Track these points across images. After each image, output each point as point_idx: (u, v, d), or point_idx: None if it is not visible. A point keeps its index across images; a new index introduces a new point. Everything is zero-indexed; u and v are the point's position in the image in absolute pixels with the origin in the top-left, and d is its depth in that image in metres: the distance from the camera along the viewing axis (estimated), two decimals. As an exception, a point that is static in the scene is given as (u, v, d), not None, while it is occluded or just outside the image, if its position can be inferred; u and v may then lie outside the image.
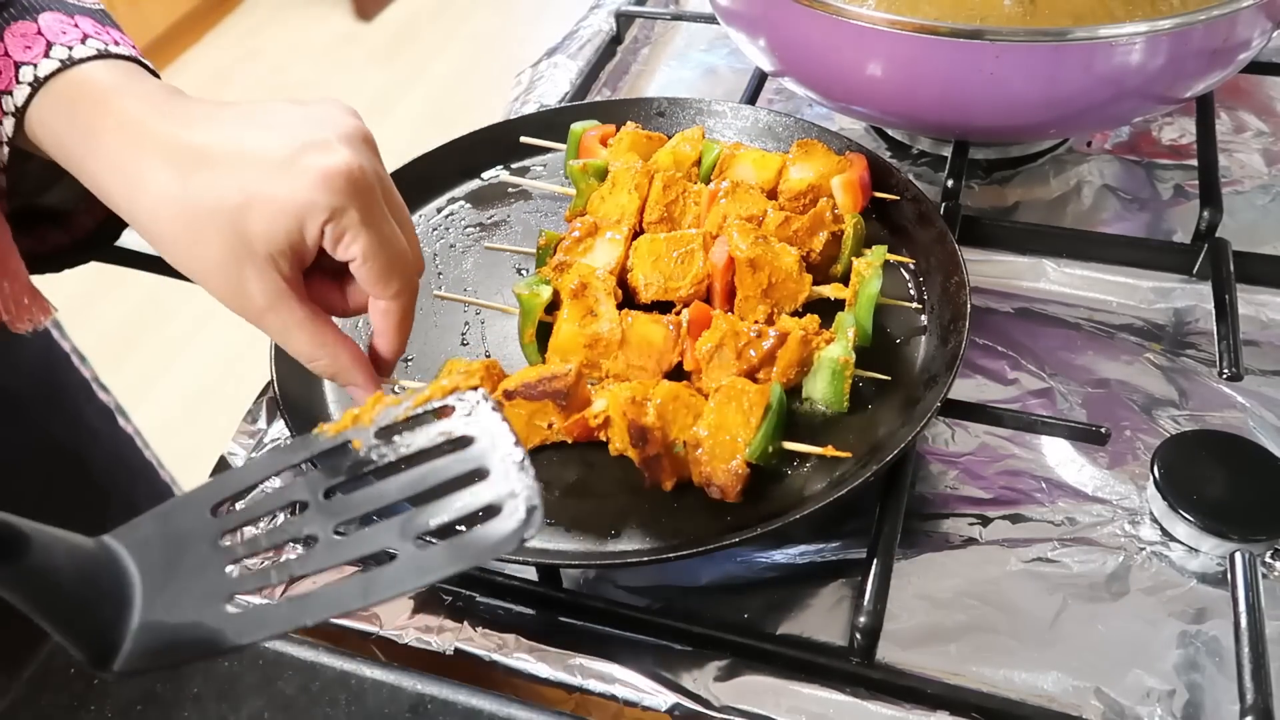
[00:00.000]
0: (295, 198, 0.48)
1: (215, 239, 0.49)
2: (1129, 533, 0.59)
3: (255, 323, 0.52)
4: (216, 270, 0.50)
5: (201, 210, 0.49)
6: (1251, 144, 0.87)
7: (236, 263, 0.49)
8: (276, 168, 0.48)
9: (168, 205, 0.49)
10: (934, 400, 0.58)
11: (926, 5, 0.74)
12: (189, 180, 0.49)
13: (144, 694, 0.48)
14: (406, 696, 0.48)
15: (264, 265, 0.50)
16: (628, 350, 0.62)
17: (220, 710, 0.47)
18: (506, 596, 0.59)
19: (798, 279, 0.65)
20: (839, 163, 0.72)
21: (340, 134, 0.50)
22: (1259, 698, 0.49)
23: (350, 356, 0.54)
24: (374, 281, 0.52)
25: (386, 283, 0.52)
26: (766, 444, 0.56)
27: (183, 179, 0.49)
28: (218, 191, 0.49)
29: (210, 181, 0.49)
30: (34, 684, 0.48)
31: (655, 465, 0.56)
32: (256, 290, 0.50)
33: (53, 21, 0.53)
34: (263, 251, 0.49)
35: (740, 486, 0.56)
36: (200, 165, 0.49)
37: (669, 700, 0.53)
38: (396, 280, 0.53)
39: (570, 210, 0.75)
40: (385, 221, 0.51)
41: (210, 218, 0.49)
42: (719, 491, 0.56)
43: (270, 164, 0.49)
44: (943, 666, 0.54)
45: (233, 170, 0.49)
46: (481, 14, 3.33)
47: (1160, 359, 0.69)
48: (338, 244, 0.50)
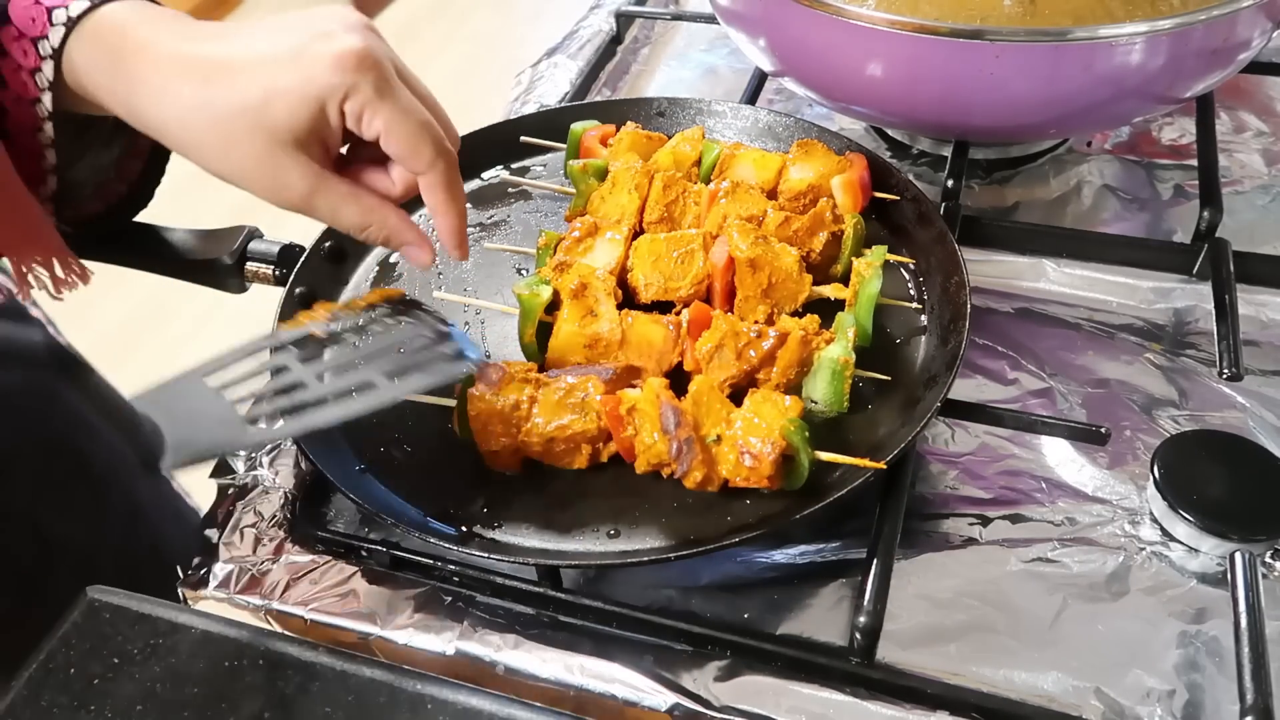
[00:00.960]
0: (311, 84, 0.52)
1: (245, 138, 0.53)
2: (1129, 533, 0.59)
3: (303, 208, 0.56)
4: (254, 167, 0.54)
5: (227, 112, 0.53)
6: (1251, 144, 0.87)
7: (270, 155, 0.54)
8: (289, 61, 0.53)
9: (196, 114, 0.53)
10: (934, 400, 0.58)
11: (926, 5, 0.74)
12: (212, 88, 0.53)
13: (144, 694, 0.48)
14: (406, 696, 0.48)
15: (295, 152, 0.54)
16: (628, 350, 0.62)
17: (220, 710, 0.47)
18: (506, 596, 0.59)
19: (798, 279, 0.65)
20: (839, 163, 0.72)
21: (344, 24, 0.54)
22: (1259, 698, 0.49)
23: (399, 218, 0.58)
24: (406, 153, 0.55)
25: (418, 152, 0.55)
26: (806, 461, 0.55)
27: (206, 88, 0.53)
28: (240, 93, 0.53)
29: (231, 85, 0.53)
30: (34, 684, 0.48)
31: (688, 451, 0.55)
32: (294, 178, 0.54)
33: None
34: (290, 140, 0.53)
35: (776, 459, 0.55)
36: (220, 73, 0.53)
37: (669, 700, 0.53)
38: (428, 148, 0.55)
39: (570, 210, 0.75)
40: (402, 93, 0.54)
41: (238, 118, 0.53)
42: (753, 464, 0.55)
43: (283, 60, 0.53)
44: (943, 666, 0.54)
45: (250, 72, 0.53)
46: (481, 14, 3.33)
47: (1160, 359, 0.69)
48: (360, 121, 0.54)
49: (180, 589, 0.61)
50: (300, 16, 0.55)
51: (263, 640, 0.50)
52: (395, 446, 0.62)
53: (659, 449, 0.56)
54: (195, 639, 0.50)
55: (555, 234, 0.70)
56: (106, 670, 0.49)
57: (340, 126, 0.54)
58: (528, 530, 0.57)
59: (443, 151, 0.56)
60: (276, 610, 0.59)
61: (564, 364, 0.63)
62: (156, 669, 0.49)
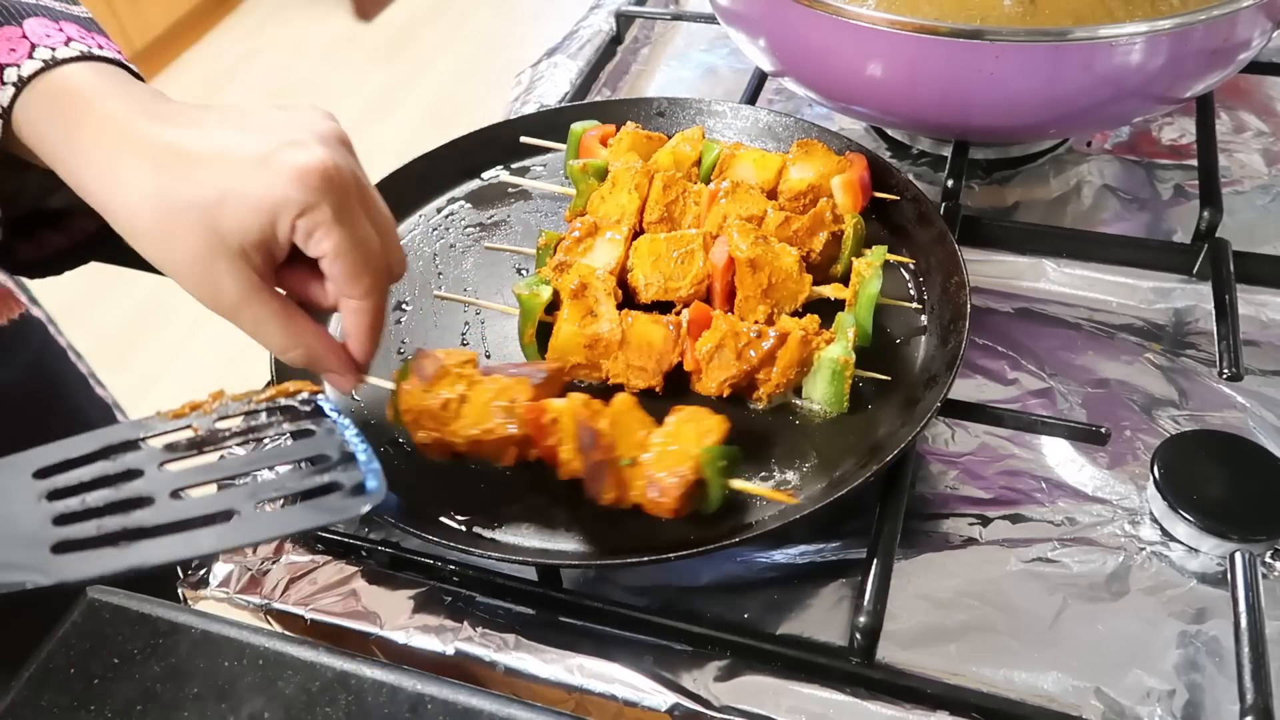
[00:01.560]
0: (269, 194, 0.49)
1: (189, 234, 0.50)
2: (1129, 533, 0.59)
3: (229, 317, 0.53)
4: (190, 265, 0.51)
5: (177, 206, 0.49)
6: (1251, 144, 0.87)
7: (210, 257, 0.50)
8: (253, 165, 0.49)
9: (144, 200, 0.50)
10: (934, 400, 0.58)
11: (926, 5, 0.74)
12: (165, 176, 0.50)
13: (144, 694, 0.48)
14: (406, 696, 0.48)
15: (237, 260, 0.51)
16: (628, 350, 0.62)
17: (220, 710, 0.47)
18: (506, 596, 0.59)
19: (798, 279, 0.65)
20: (839, 163, 0.72)
21: (317, 134, 0.51)
22: (1259, 698, 0.49)
23: (324, 345, 0.55)
24: (344, 279, 0.53)
25: (356, 281, 0.53)
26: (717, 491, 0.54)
27: (159, 175, 0.50)
28: (194, 188, 0.49)
29: (186, 178, 0.50)
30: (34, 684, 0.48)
31: (599, 474, 0.54)
32: (229, 285, 0.51)
33: (37, 26, 0.54)
34: (235, 246, 0.50)
35: (682, 493, 0.53)
36: (177, 162, 0.50)
37: (669, 700, 0.53)
38: (367, 279, 0.53)
39: (570, 210, 0.75)
40: (359, 221, 0.52)
41: (185, 213, 0.49)
42: (659, 495, 0.54)
43: (247, 162, 0.50)
44: (943, 666, 0.54)
45: (210, 168, 0.50)
46: (481, 14, 3.33)
47: (1160, 359, 0.69)
48: (309, 239, 0.51)
49: (180, 589, 0.61)
50: (276, 114, 0.53)
51: (263, 640, 0.50)
52: (396, 446, 0.62)
53: (575, 465, 0.55)
54: (195, 639, 0.50)
55: (555, 234, 0.70)
56: (106, 670, 0.49)
57: (289, 241, 0.51)
58: (528, 530, 0.57)
59: (379, 285, 0.54)
60: (276, 610, 0.59)
61: (564, 364, 0.63)
62: (156, 669, 0.49)
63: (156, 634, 0.50)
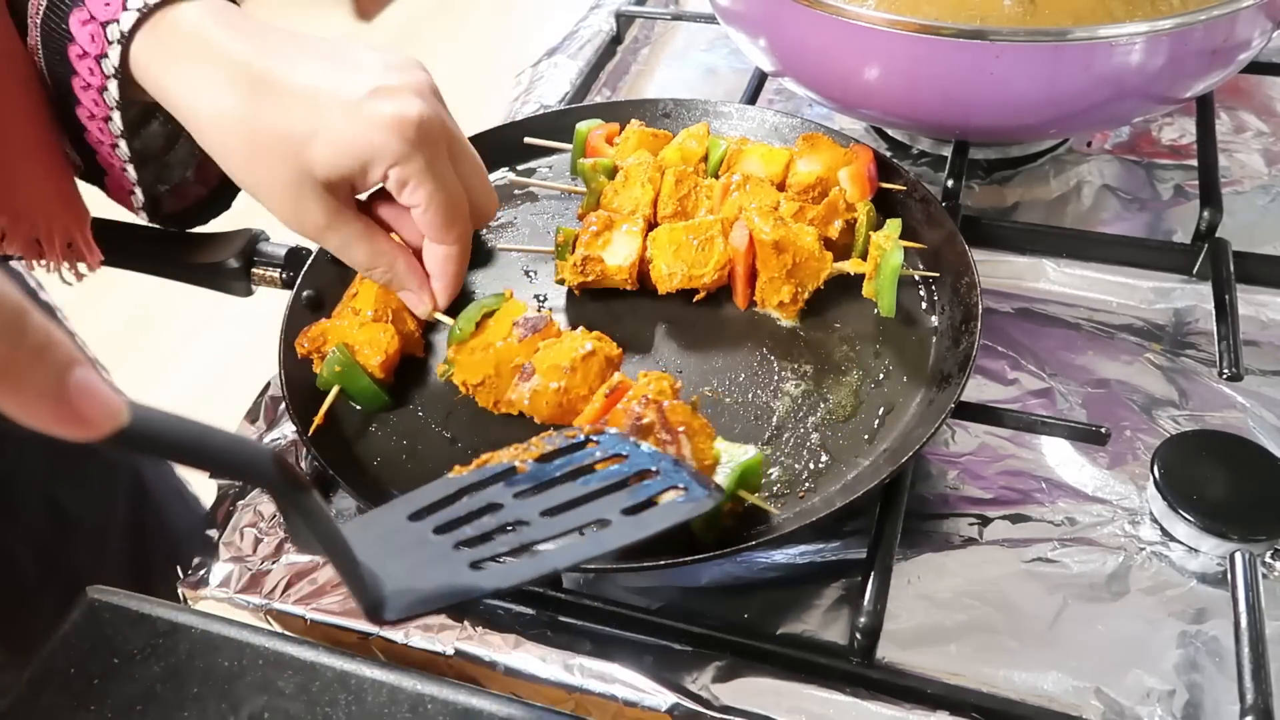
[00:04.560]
0: (362, 139, 0.51)
1: (279, 163, 0.52)
2: (1129, 533, 0.59)
3: (314, 238, 0.56)
4: (278, 191, 0.53)
5: (267, 135, 0.52)
6: (1251, 144, 0.87)
7: (297, 185, 0.53)
8: (347, 107, 0.51)
9: (234, 123, 0.52)
10: (948, 401, 0.58)
11: (927, 5, 0.74)
12: (258, 103, 0.52)
13: (144, 693, 0.48)
14: (406, 696, 0.48)
15: (321, 190, 0.53)
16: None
17: (220, 710, 0.47)
18: (506, 596, 0.59)
19: (819, 257, 0.66)
20: (845, 155, 0.72)
21: (413, 84, 0.53)
22: (1259, 698, 0.49)
23: (406, 264, 0.58)
24: (434, 228, 0.55)
25: (447, 230, 0.55)
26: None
27: (252, 101, 0.52)
28: (286, 120, 0.52)
29: (280, 108, 0.52)
30: (34, 684, 0.48)
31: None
32: (315, 210, 0.54)
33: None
34: (322, 179, 0.53)
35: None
36: (269, 93, 0.52)
37: (669, 700, 0.53)
38: (456, 227, 0.56)
39: (583, 208, 0.75)
40: (449, 172, 0.54)
41: (277, 142, 0.52)
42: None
43: (343, 102, 0.52)
44: (943, 666, 0.54)
45: (302, 103, 0.52)
46: (481, 14, 3.33)
47: (1160, 359, 0.69)
48: (402, 189, 0.53)
49: (180, 589, 0.61)
50: (374, 56, 0.54)
51: (263, 640, 0.50)
52: (396, 446, 0.62)
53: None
54: (195, 639, 0.50)
55: (572, 230, 0.70)
56: (106, 670, 0.49)
57: (378, 185, 0.53)
58: (528, 530, 0.57)
59: (465, 235, 0.57)
60: (276, 610, 0.59)
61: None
62: (156, 669, 0.49)
63: (156, 634, 0.50)
